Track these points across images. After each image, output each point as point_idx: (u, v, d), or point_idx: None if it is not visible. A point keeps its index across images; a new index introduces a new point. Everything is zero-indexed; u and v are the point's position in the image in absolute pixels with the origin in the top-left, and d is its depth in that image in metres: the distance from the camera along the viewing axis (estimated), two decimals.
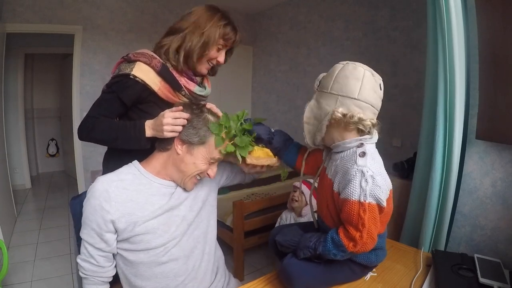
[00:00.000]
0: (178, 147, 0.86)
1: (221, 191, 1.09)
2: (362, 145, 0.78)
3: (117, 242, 0.85)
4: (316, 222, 0.96)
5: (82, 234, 0.84)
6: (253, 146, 0.89)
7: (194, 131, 0.84)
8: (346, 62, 0.80)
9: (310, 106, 0.84)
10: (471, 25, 1.20)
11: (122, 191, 0.83)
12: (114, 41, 3.41)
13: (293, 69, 3.83)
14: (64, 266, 2.17)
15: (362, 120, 0.76)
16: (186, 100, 1.07)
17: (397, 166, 1.82)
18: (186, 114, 0.86)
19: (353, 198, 0.72)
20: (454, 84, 1.15)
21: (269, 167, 0.95)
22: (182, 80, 1.05)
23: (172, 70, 1.04)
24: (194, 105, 0.91)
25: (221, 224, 2.08)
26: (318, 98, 0.83)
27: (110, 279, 0.89)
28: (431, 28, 1.22)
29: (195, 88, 1.08)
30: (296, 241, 0.84)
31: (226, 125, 0.86)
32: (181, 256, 0.88)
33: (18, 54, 3.80)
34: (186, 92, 1.06)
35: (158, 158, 0.90)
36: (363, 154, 0.75)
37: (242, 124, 0.89)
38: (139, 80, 0.99)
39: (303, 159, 0.96)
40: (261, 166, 0.94)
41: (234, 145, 0.85)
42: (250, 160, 0.88)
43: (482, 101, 1.18)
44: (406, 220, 1.40)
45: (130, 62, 1.01)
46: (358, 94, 0.76)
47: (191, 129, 0.85)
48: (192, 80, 1.09)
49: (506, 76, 1.07)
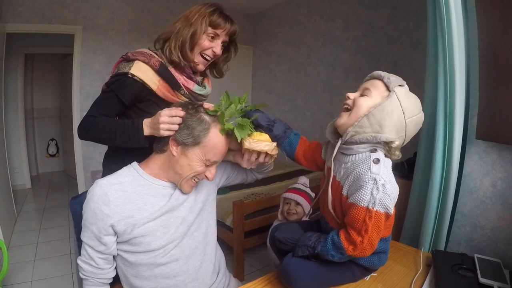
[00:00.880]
0: (173, 149, 0.85)
1: (221, 191, 1.08)
2: (375, 150, 0.77)
3: (117, 244, 0.85)
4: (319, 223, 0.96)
5: (83, 237, 0.84)
6: (252, 131, 0.86)
7: (188, 131, 0.83)
8: (421, 108, 0.80)
9: (385, 108, 0.75)
10: (471, 25, 1.20)
11: (121, 194, 0.83)
12: (114, 41, 3.41)
13: (293, 69, 3.83)
14: (64, 266, 2.17)
15: (397, 155, 0.78)
16: (185, 99, 1.07)
17: (397, 166, 1.82)
18: (183, 113, 0.85)
19: (361, 204, 0.71)
20: (454, 84, 1.15)
21: (267, 157, 0.91)
22: (181, 79, 1.05)
23: (171, 69, 1.03)
24: (190, 104, 0.90)
25: (221, 224, 2.08)
26: (395, 109, 0.76)
27: (110, 281, 0.89)
28: (431, 28, 1.22)
29: (194, 87, 1.08)
30: (295, 239, 0.84)
31: (226, 103, 0.85)
32: (181, 257, 0.88)
33: (18, 54, 3.79)
34: (185, 91, 1.06)
35: (156, 160, 0.90)
36: (377, 161, 0.74)
37: (242, 108, 0.87)
38: (137, 79, 0.98)
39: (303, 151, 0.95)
40: (257, 154, 0.89)
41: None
42: (248, 144, 0.85)
43: (482, 101, 1.18)
44: (406, 220, 1.40)
45: (129, 61, 1.01)
46: (407, 140, 0.80)
47: (185, 129, 0.83)
48: (191, 79, 1.08)
49: (506, 76, 1.07)
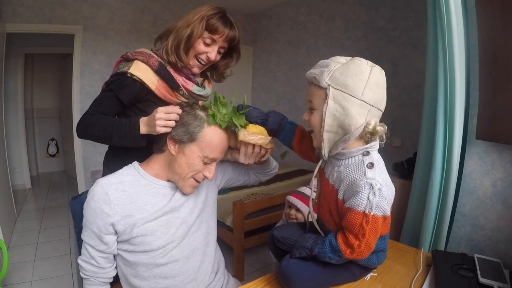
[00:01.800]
0: (171, 148, 0.85)
1: (221, 191, 1.08)
2: (368, 153, 0.74)
3: (117, 243, 0.85)
4: (310, 227, 0.94)
5: (83, 236, 0.84)
6: (246, 123, 0.86)
7: (183, 129, 0.83)
8: (370, 64, 0.72)
9: (332, 111, 0.71)
10: (471, 25, 1.20)
11: (121, 194, 0.83)
12: (114, 41, 3.41)
13: (293, 69, 3.83)
14: (64, 266, 2.17)
15: (383, 132, 0.72)
16: (185, 100, 1.06)
17: (397, 166, 1.82)
18: (180, 110, 0.85)
19: (358, 209, 0.70)
20: (454, 84, 1.15)
21: (263, 150, 0.90)
22: (180, 79, 1.04)
23: (170, 69, 1.03)
24: (186, 103, 0.90)
25: (221, 224, 2.08)
26: (341, 101, 0.70)
27: (111, 280, 0.89)
28: (431, 28, 1.22)
29: (193, 87, 1.07)
30: (293, 239, 0.84)
31: (218, 101, 0.85)
32: (181, 257, 0.88)
33: (18, 54, 3.80)
34: (185, 91, 1.06)
35: (156, 160, 0.90)
36: (371, 166, 0.72)
37: (235, 107, 0.87)
38: (136, 78, 0.98)
39: (298, 142, 0.93)
40: (253, 146, 0.88)
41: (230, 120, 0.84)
42: (242, 135, 0.84)
43: (482, 101, 1.18)
44: (406, 220, 1.40)
45: (128, 60, 1.01)
46: (382, 105, 0.73)
47: (181, 127, 0.83)
48: (190, 79, 1.07)
49: (506, 76, 1.07)
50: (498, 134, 1.12)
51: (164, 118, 0.83)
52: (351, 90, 0.69)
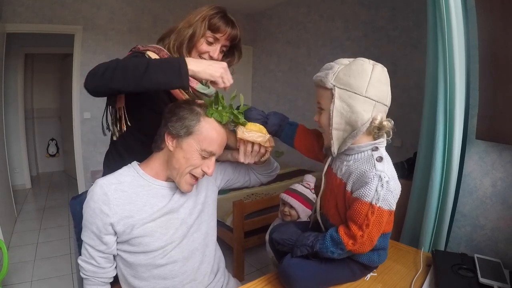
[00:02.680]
0: (169, 143, 0.84)
1: (221, 191, 1.08)
2: (377, 148, 0.77)
3: (117, 243, 0.85)
4: (315, 224, 0.95)
5: (83, 237, 0.84)
6: (245, 121, 0.88)
7: (180, 123, 0.83)
8: (372, 62, 0.75)
9: (339, 110, 0.75)
10: (471, 25, 1.20)
11: (121, 194, 0.83)
12: (114, 41, 3.41)
13: (293, 69, 3.83)
14: (64, 266, 2.17)
15: (390, 127, 0.76)
16: (188, 97, 1.06)
17: (397, 166, 1.81)
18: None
19: (365, 199, 0.72)
20: (454, 84, 1.15)
21: (262, 148, 0.91)
22: None
23: None
24: (183, 101, 0.90)
25: (221, 224, 2.08)
26: (346, 99, 0.74)
27: (111, 280, 0.89)
28: (431, 28, 1.22)
29: (198, 85, 1.07)
30: (293, 240, 0.84)
31: (210, 101, 0.85)
32: (180, 258, 0.88)
33: (18, 54, 3.80)
34: (190, 89, 1.06)
35: (156, 159, 0.89)
36: (381, 159, 0.75)
37: (234, 108, 0.87)
38: None
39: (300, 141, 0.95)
40: (253, 145, 0.89)
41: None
42: (241, 133, 0.85)
43: (482, 101, 1.18)
44: (406, 220, 1.40)
45: (139, 52, 1.00)
46: (387, 101, 0.76)
47: (178, 121, 0.83)
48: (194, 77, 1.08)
49: (506, 76, 1.07)
50: (498, 134, 1.12)
51: (227, 78, 0.85)
52: (355, 88, 0.73)
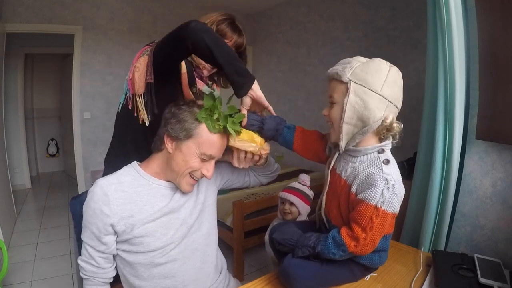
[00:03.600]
0: (169, 145, 0.84)
1: (221, 191, 1.08)
2: (383, 151, 0.78)
3: (116, 243, 0.85)
4: (321, 222, 0.94)
5: (83, 237, 0.84)
6: (240, 130, 0.85)
7: (180, 125, 0.82)
8: (389, 64, 0.77)
9: (352, 104, 0.74)
10: (471, 25, 1.20)
11: (121, 194, 0.83)
12: (114, 41, 3.41)
13: (293, 69, 3.83)
14: (64, 266, 2.17)
15: (398, 130, 0.77)
16: (192, 97, 1.06)
17: (397, 166, 1.82)
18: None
19: (371, 202, 0.72)
20: (454, 84, 1.15)
21: (256, 156, 0.90)
22: (196, 76, 1.07)
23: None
24: (183, 101, 0.90)
25: (221, 224, 2.08)
26: (361, 95, 0.73)
27: (111, 280, 0.89)
28: (431, 28, 1.22)
29: (204, 87, 1.09)
30: (294, 240, 0.84)
31: (210, 104, 0.83)
32: (180, 257, 0.88)
33: (18, 54, 3.80)
34: (197, 90, 1.06)
35: (155, 160, 0.89)
36: (387, 162, 0.75)
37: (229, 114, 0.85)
38: None
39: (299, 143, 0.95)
40: (244, 152, 0.89)
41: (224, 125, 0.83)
42: (232, 141, 0.84)
43: (482, 101, 1.18)
44: (406, 220, 1.40)
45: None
46: (399, 103, 0.77)
47: (178, 123, 0.83)
48: (202, 79, 1.10)
49: (506, 76, 1.07)
50: (498, 134, 1.12)
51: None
52: (371, 85, 0.73)
